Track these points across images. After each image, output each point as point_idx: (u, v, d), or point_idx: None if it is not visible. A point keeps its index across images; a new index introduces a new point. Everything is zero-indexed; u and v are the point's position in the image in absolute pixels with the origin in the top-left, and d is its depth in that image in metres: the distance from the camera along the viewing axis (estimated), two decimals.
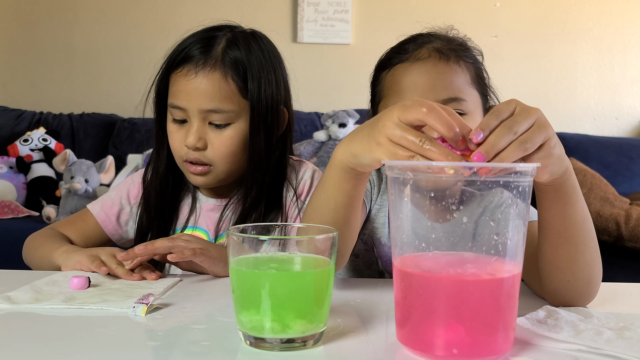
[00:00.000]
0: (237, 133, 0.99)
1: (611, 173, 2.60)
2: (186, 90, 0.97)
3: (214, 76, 0.97)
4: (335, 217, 0.71)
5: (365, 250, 1.03)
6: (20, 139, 2.64)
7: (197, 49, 0.98)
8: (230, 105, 0.98)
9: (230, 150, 0.99)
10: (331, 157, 0.68)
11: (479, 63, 0.96)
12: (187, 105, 0.97)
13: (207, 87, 0.96)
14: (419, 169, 0.54)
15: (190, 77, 0.97)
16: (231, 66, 0.98)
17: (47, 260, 0.96)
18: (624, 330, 0.62)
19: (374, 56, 1.05)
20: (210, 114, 0.97)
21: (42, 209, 2.32)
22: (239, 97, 0.98)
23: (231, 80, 0.97)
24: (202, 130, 0.98)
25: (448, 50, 0.91)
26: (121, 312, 0.67)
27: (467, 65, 0.92)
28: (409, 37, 0.97)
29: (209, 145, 0.99)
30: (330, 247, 0.58)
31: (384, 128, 0.58)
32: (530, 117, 0.57)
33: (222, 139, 0.98)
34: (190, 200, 1.09)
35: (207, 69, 0.97)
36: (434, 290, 0.54)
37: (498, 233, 0.54)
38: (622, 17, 3.08)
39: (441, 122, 0.55)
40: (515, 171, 0.53)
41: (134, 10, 3.08)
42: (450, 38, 0.95)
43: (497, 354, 0.55)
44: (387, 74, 0.94)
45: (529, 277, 0.83)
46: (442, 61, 0.90)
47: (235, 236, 0.58)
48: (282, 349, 0.56)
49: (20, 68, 3.11)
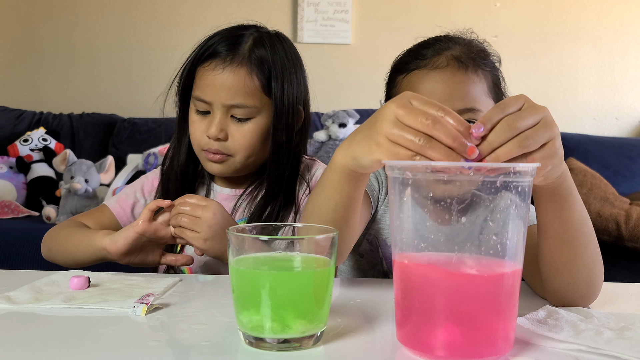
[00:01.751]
0: (257, 127, 1.03)
1: (611, 173, 2.59)
2: (212, 84, 1.01)
3: (239, 72, 1.00)
4: (336, 216, 0.71)
5: (370, 250, 1.03)
6: (20, 139, 2.64)
7: (225, 46, 1.02)
8: (253, 101, 1.02)
9: (249, 142, 1.03)
10: (331, 160, 0.68)
11: (496, 70, 0.94)
12: (212, 99, 1.01)
13: (232, 83, 1.00)
14: (419, 169, 0.54)
15: (217, 71, 1.01)
16: (257, 64, 1.02)
17: (85, 245, 0.99)
18: (624, 330, 0.62)
19: (374, 56, 1.05)
20: (233, 108, 1.01)
21: (42, 209, 2.32)
22: (261, 94, 1.02)
23: (256, 78, 1.01)
24: (224, 123, 1.02)
25: (467, 58, 0.89)
26: (121, 312, 0.67)
27: (484, 74, 0.91)
28: (428, 41, 0.95)
29: (229, 136, 1.03)
30: (330, 247, 0.58)
31: (382, 128, 0.57)
32: (536, 115, 0.56)
33: (243, 131, 1.03)
34: (205, 192, 1.14)
35: (234, 65, 1.01)
36: (434, 290, 0.54)
37: (498, 233, 0.54)
38: (622, 17, 3.08)
39: (447, 135, 0.53)
40: (515, 171, 0.53)
41: (134, 10, 3.08)
42: (470, 43, 0.93)
43: (497, 354, 0.55)
44: (404, 78, 0.93)
45: (530, 278, 0.83)
46: (461, 70, 0.88)
47: (235, 236, 0.58)
48: (282, 349, 0.56)
49: (20, 68, 3.11)
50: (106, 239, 0.95)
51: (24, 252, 1.93)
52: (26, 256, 1.92)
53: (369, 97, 2.82)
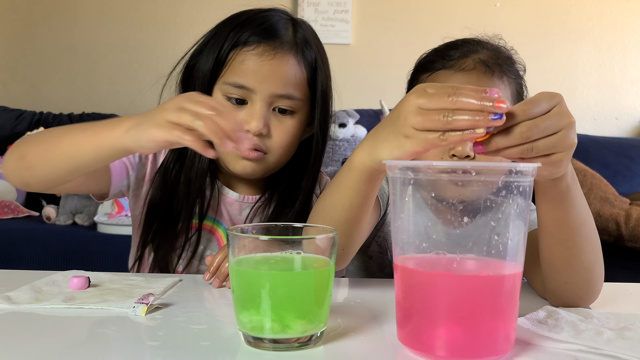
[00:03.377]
0: (299, 123, 0.96)
1: (611, 173, 2.59)
2: (260, 71, 0.91)
3: (290, 61, 0.92)
4: (349, 216, 0.71)
5: (379, 252, 1.03)
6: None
7: (271, 31, 0.93)
8: (300, 93, 0.94)
9: (289, 140, 0.95)
10: (348, 160, 0.68)
11: (520, 79, 0.94)
12: (258, 87, 0.91)
13: (284, 72, 0.92)
14: (420, 168, 0.54)
15: (266, 57, 0.91)
16: (303, 54, 0.94)
17: (97, 146, 0.75)
18: (624, 331, 0.62)
19: (374, 56, 1.04)
20: (280, 99, 0.92)
21: (42, 209, 2.32)
22: (306, 87, 0.96)
23: (304, 69, 0.95)
24: (267, 116, 0.93)
25: (494, 64, 0.89)
26: (121, 312, 0.67)
27: (509, 81, 0.90)
28: (456, 42, 0.94)
29: (272, 132, 0.93)
30: (331, 247, 0.58)
31: (407, 120, 0.57)
32: (558, 125, 0.57)
33: (285, 127, 0.94)
34: (209, 191, 1.01)
35: (284, 52, 0.92)
36: (435, 290, 0.54)
37: (498, 233, 0.54)
38: (622, 17, 3.08)
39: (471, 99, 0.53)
40: (516, 171, 0.53)
41: (134, 10, 3.08)
42: (498, 49, 0.92)
43: (497, 354, 0.54)
44: (428, 77, 0.92)
45: (532, 278, 0.83)
46: (487, 75, 0.88)
47: (235, 236, 0.58)
48: (282, 349, 0.56)
49: (20, 68, 3.11)
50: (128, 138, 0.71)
51: (24, 252, 1.93)
52: (26, 256, 1.92)
53: (369, 97, 2.82)
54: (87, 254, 1.95)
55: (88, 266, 0.98)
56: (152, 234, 0.97)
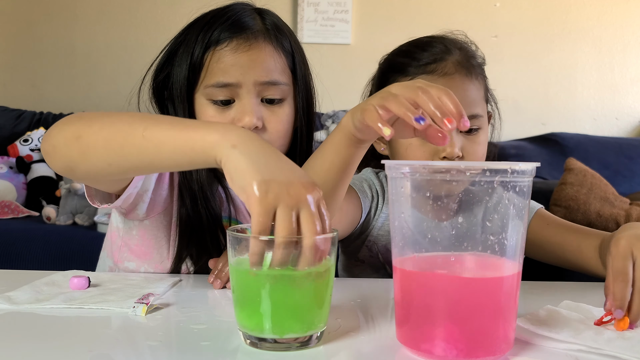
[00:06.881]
0: (290, 110, 0.93)
1: (611, 173, 2.59)
2: (239, 64, 0.89)
3: (267, 48, 0.91)
4: (326, 178, 0.71)
5: (370, 256, 1.04)
6: (20, 139, 2.64)
7: (239, 23, 0.91)
8: (285, 78, 0.92)
9: (285, 128, 0.92)
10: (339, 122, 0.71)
11: (484, 72, 0.96)
12: (242, 79, 0.88)
13: (263, 59, 0.90)
14: (417, 168, 0.54)
15: (242, 50, 0.89)
16: (277, 39, 0.93)
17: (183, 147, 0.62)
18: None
19: (374, 56, 1.04)
20: (267, 87, 0.90)
21: (42, 209, 2.31)
22: (288, 71, 0.94)
23: (282, 54, 0.93)
24: (258, 109, 0.90)
25: (469, 65, 0.91)
26: (121, 312, 0.67)
27: (480, 79, 0.93)
28: (420, 42, 0.95)
29: (266, 124, 0.91)
30: (330, 247, 0.58)
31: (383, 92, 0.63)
32: None
33: (278, 116, 0.91)
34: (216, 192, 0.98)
35: (259, 41, 0.90)
36: (434, 290, 0.54)
37: (497, 233, 0.54)
38: (622, 17, 3.08)
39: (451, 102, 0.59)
40: (513, 170, 0.53)
41: (134, 10, 3.08)
42: (465, 48, 0.94)
43: (497, 354, 0.55)
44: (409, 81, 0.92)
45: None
46: (468, 78, 0.91)
47: (235, 236, 0.58)
48: (282, 348, 0.56)
49: (20, 68, 3.11)
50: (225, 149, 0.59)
51: (24, 252, 1.93)
52: (26, 256, 1.92)
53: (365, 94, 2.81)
54: (87, 254, 1.95)
55: (88, 266, 0.98)
56: (187, 248, 0.94)
